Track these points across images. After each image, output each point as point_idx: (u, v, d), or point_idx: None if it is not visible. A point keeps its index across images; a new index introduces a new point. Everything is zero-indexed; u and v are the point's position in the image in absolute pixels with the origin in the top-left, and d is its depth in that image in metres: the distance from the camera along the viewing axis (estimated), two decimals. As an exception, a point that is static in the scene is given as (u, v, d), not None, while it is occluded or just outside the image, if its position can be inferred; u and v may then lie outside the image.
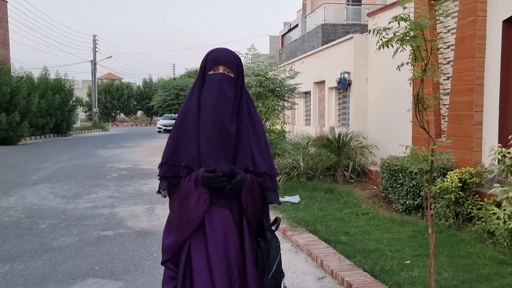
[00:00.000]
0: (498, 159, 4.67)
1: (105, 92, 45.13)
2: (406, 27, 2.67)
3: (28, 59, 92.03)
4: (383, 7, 8.84)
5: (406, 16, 2.64)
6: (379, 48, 2.77)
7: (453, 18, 6.01)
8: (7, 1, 23.74)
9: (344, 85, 9.29)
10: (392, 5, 8.13)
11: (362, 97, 9.00)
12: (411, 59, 2.82)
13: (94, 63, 37.01)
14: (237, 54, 1.95)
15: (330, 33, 17.30)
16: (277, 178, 2.09)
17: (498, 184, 4.64)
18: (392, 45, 2.85)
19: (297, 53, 18.87)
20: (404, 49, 2.77)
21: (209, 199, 1.80)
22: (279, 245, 1.95)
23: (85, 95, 41.48)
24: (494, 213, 4.53)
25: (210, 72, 1.90)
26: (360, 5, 19.71)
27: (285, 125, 12.00)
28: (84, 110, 39.85)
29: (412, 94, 2.89)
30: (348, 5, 19.92)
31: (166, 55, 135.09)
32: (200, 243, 1.82)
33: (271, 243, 1.90)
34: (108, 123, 42.46)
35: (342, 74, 9.27)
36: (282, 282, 1.96)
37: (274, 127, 9.18)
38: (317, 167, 8.13)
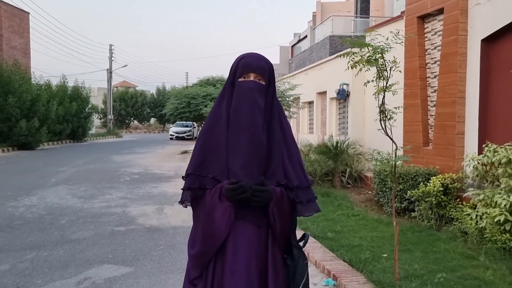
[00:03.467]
0: (474, 165, 5.14)
1: (119, 100, 46.25)
2: (369, 51, 3.23)
3: (47, 68, 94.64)
4: (381, 22, 9.37)
5: (369, 43, 3.21)
6: (348, 68, 3.34)
7: (439, 36, 6.52)
8: (29, 13, 24.88)
9: (343, 96, 9.83)
10: (389, 21, 8.66)
11: (360, 108, 9.51)
12: (375, 77, 3.38)
13: (110, 71, 38.14)
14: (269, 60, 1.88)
15: (337, 45, 17.82)
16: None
17: (472, 188, 5.11)
18: (364, 65, 3.42)
19: (306, 63, 19.41)
20: (369, 69, 3.33)
21: (233, 214, 1.72)
22: (307, 263, 1.87)
23: (101, 102, 42.63)
24: (468, 214, 5.00)
25: (240, 79, 1.81)
26: (368, 17, 20.25)
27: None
28: (99, 117, 41.09)
29: (378, 106, 3.43)
30: (356, 17, 20.49)
31: (180, 64, 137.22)
32: (222, 262, 1.75)
33: (298, 261, 1.82)
34: (122, 129, 43.47)
35: (341, 86, 9.81)
36: None
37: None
38: (316, 173, 8.64)
